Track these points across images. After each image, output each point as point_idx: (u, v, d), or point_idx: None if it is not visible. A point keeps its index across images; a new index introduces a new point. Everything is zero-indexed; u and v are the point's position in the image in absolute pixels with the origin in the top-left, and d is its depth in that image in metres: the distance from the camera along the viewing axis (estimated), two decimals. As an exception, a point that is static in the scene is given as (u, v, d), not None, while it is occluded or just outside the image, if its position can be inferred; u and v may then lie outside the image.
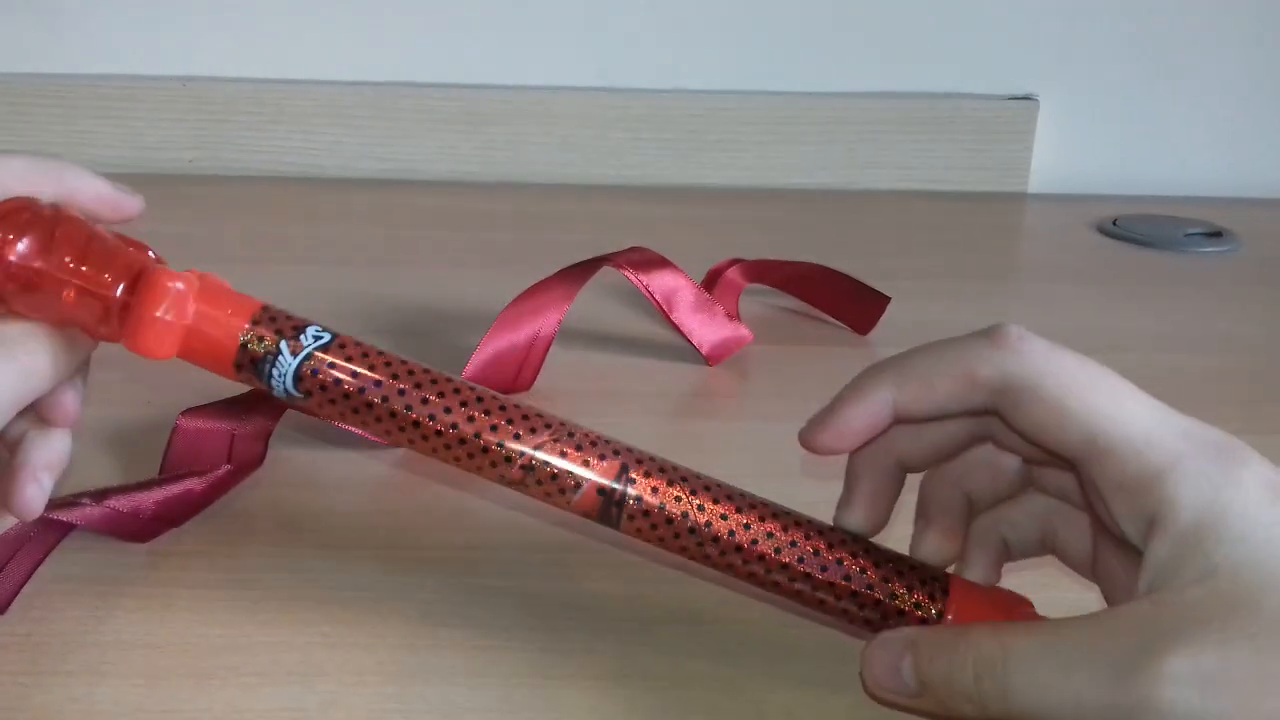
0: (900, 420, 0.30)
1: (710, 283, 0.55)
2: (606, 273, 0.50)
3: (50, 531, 0.35)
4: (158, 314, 0.29)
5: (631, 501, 0.30)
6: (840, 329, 0.56)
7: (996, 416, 0.29)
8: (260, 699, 0.30)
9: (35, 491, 0.31)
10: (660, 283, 0.51)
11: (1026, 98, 0.80)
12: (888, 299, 0.55)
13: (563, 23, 0.77)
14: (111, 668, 0.31)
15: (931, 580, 0.31)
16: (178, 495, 0.37)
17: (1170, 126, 0.82)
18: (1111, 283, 0.66)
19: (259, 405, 0.40)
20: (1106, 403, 0.27)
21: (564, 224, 0.70)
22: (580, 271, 0.49)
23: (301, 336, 0.30)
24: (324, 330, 0.31)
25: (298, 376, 0.30)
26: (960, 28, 0.79)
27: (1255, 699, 0.23)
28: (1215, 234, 0.74)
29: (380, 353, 0.31)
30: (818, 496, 0.41)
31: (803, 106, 0.79)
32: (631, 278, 0.50)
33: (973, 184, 0.81)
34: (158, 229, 0.35)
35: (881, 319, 0.55)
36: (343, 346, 0.31)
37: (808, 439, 0.32)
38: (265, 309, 0.31)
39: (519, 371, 0.47)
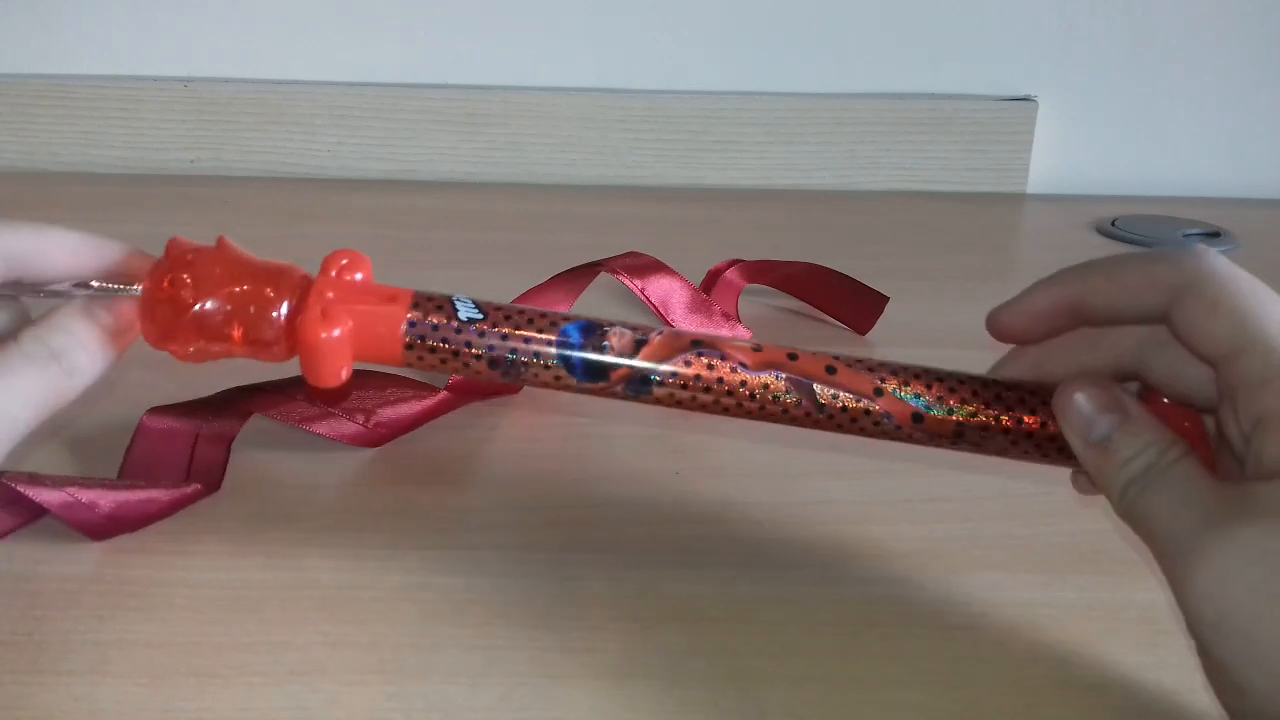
0: (1081, 318, 0.31)
1: (709, 283, 0.55)
2: (602, 276, 0.50)
3: (13, 509, 0.36)
4: (322, 337, 0.31)
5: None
6: (839, 329, 0.56)
7: (1165, 325, 0.29)
8: (262, 698, 0.30)
9: None
10: (656, 286, 0.51)
11: (1025, 99, 0.80)
12: (886, 299, 0.55)
13: (563, 23, 0.77)
14: (113, 667, 0.31)
15: None
16: (138, 501, 0.37)
17: (1168, 127, 0.82)
18: (1110, 283, 0.66)
19: (224, 408, 0.41)
20: (1258, 307, 0.28)
21: (564, 224, 0.71)
22: (575, 277, 0.49)
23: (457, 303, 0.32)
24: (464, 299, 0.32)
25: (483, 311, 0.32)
26: (959, 29, 0.79)
27: None
28: (1213, 234, 0.74)
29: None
30: (818, 496, 0.41)
31: (802, 107, 0.79)
32: (627, 282, 0.50)
33: (972, 185, 0.81)
34: (158, 229, 0.35)
35: (881, 319, 0.55)
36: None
37: (992, 319, 0.32)
38: (417, 293, 0.32)
39: None
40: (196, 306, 0.31)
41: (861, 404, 0.31)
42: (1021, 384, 0.32)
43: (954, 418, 0.31)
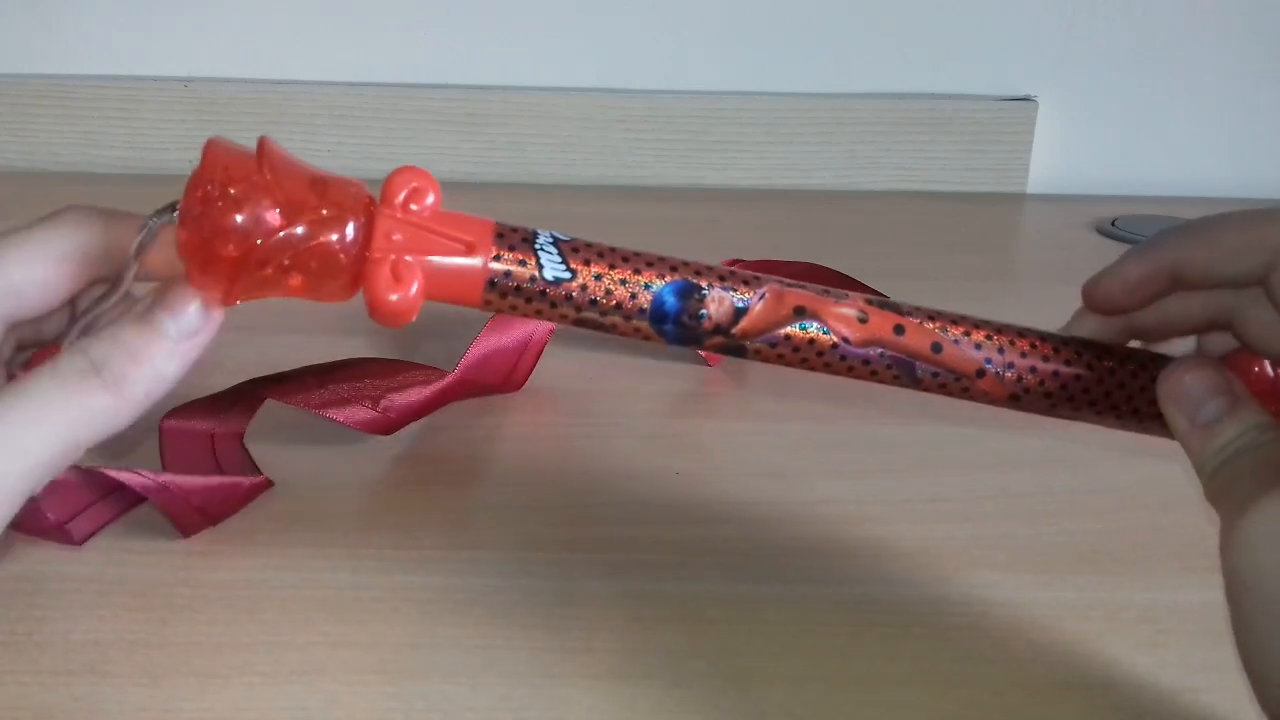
0: (1178, 283, 0.30)
1: None
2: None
3: (118, 493, 0.36)
4: (393, 299, 0.27)
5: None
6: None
7: (1261, 289, 0.29)
8: (262, 698, 0.30)
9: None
10: None
11: (1025, 99, 0.80)
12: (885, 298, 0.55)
13: (563, 23, 0.77)
14: (114, 667, 0.31)
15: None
16: (224, 488, 0.37)
17: (1169, 127, 0.82)
18: (1110, 283, 0.66)
19: (236, 401, 0.41)
20: None
21: (564, 224, 0.70)
22: None
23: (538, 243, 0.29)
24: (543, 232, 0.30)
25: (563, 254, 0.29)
26: (959, 29, 0.79)
27: None
28: (1214, 234, 0.74)
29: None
30: (818, 496, 0.41)
31: (802, 107, 0.79)
32: None
33: (972, 185, 0.81)
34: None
35: (881, 319, 0.55)
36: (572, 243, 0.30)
37: (1088, 289, 0.32)
38: (497, 238, 0.29)
39: (510, 372, 0.47)
40: (256, 239, 0.26)
41: (960, 383, 0.31)
42: (1115, 349, 0.32)
43: (1049, 400, 0.31)
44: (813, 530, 0.39)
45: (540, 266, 0.28)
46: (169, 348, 0.27)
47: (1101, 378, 0.31)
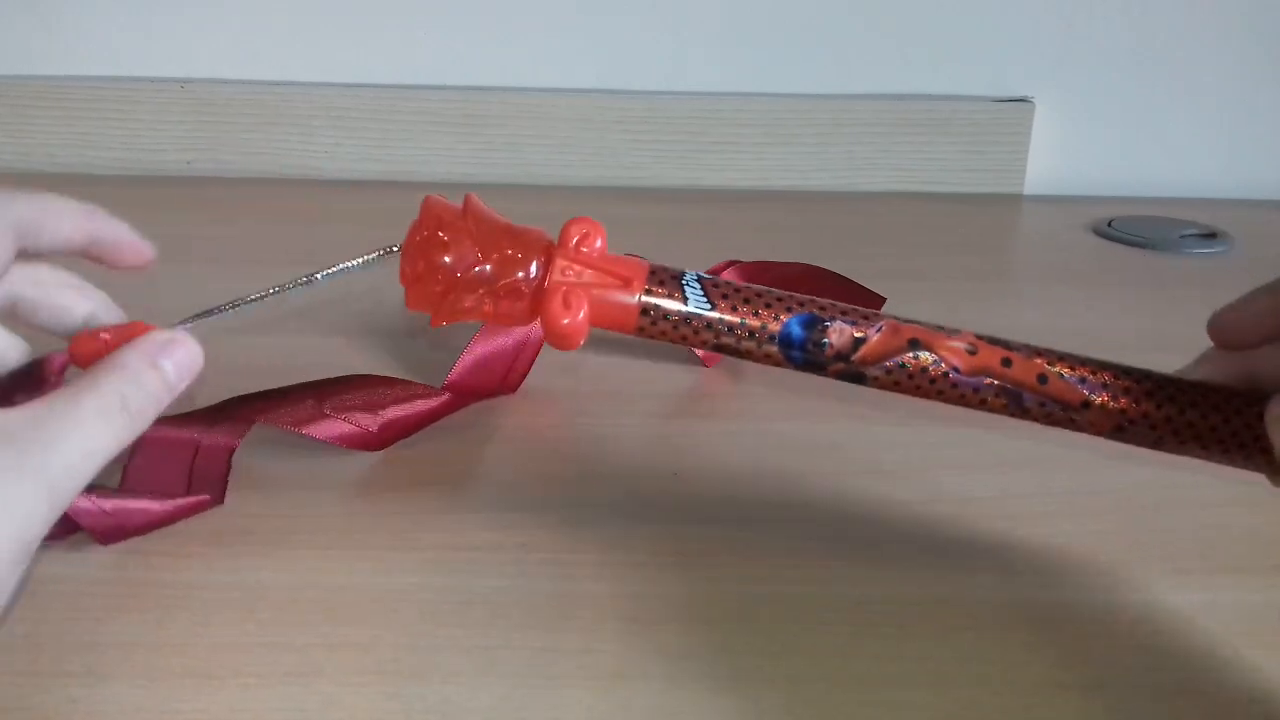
0: None
1: None
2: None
3: None
4: (565, 322, 0.32)
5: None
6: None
7: None
8: (260, 699, 0.30)
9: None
10: None
11: (1022, 100, 0.80)
12: (883, 299, 0.55)
13: (561, 24, 0.77)
14: (111, 668, 0.31)
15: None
16: (138, 509, 0.37)
17: (1166, 128, 0.82)
18: (1107, 284, 0.66)
19: (224, 418, 0.40)
20: None
21: (563, 224, 0.70)
22: None
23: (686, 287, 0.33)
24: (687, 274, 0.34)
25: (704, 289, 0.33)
26: (957, 30, 0.79)
27: None
28: (1210, 235, 0.74)
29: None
30: (818, 496, 0.41)
31: (801, 108, 0.79)
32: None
33: (969, 186, 0.81)
34: (156, 231, 0.35)
35: (879, 320, 0.55)
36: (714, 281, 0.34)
37: (1215, 321, 0.33)
38: (650, 274, 0.33)
39: (505, 375, 0.47)
40: (458, 273, 0.33)
41: (1067, 414, 0.32)
42: (1214, 386, 0.33)
43: (1154, 433, 0.32)
44: (812, 530, 0.39)
45: (685, 299, 0.33)
46: (168, 390, 0.31)
47: (1204, 413, 0.32)
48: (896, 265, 0.65)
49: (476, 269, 0.33)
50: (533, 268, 0.33)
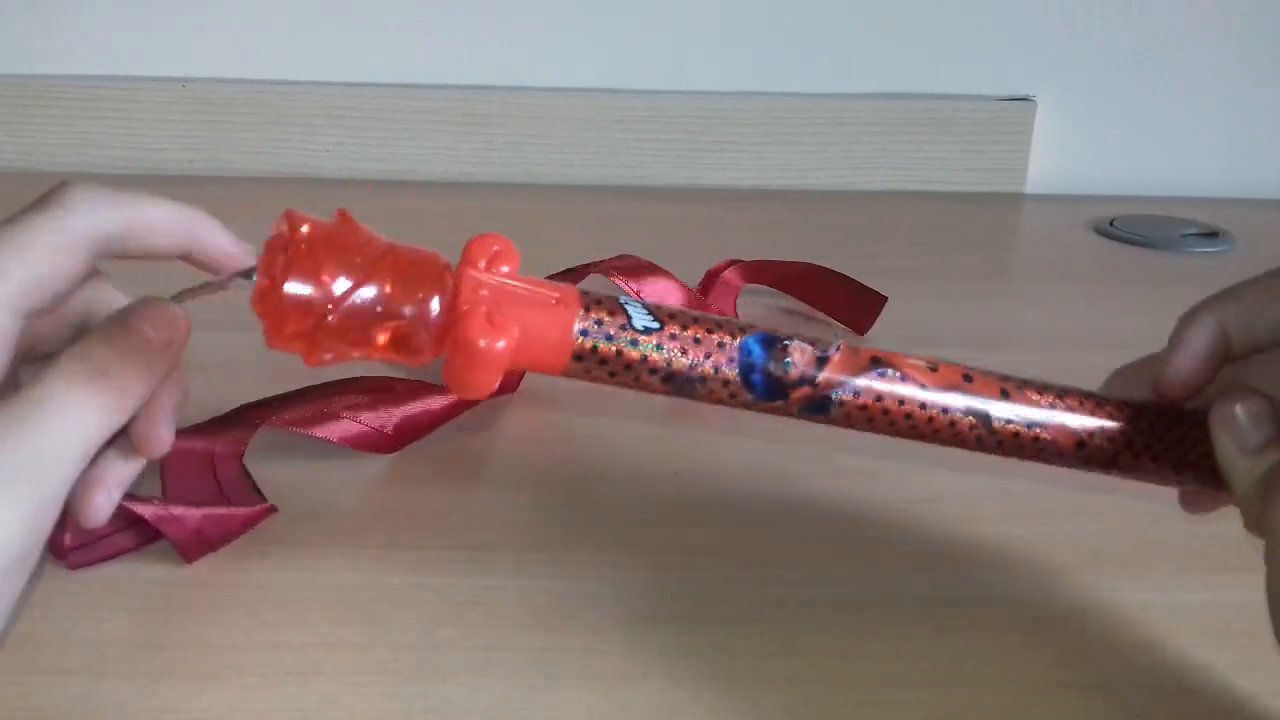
0: (1230, 349, 0.31)
1: (708, 284, 0.55)
2: (594, 278, 0.50)
3: (136, 529, 0.36)
4: (482, 344, 0.27)
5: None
6: (838, 329, 0.56)
7: None
8: (260, 699, 0.30)
9: (103, 501, 0.30)
10: (650, 289, 0.51)
11: (1024, 99, 0.80)
12: (884, 298, 0.55)
13: (562, 23, 0.77)
14: (111, 668, 0.31)
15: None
16: (219, 517, 0.36)
17: (1167, 127, 0.82)
18: (1109, 283, 0.66)
19: (233, 424, 0.40)
20: None
21: (563, 224, 0.71)
22: (567, 280, 0.49)
23: (629, 310, 0.29)
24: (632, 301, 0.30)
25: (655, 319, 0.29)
26: (958, 29, 0.79)
27: None
28: (1212, 234, 0.74)
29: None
30: (818, 496, 0.41)
31: (801, 108, 0.79)
32: (621, 284, 0.50)
33: (970, 185, 0.81)
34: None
35: (881, 319, 0.55)
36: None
37: (1163, 380, 0.32)
38: (583, 294, 0.29)
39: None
40: (332, 310, 0.27)
41: (1032, 431, 0.31)
42: (1167, 407, 0.32)
43: (1111, 447, 0.32)
44: (812, 531, 0.39)
45: (629, 316, 0.29)
46: (157, 351, 0.28)
47: (1160, 430, 0.32)
48: (898, 264, 0.65)
49: (358, 298, 0.27)
50: (434, 298, 0.28)
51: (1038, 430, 0.31)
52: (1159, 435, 0.32)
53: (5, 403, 0.26)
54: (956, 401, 0.31)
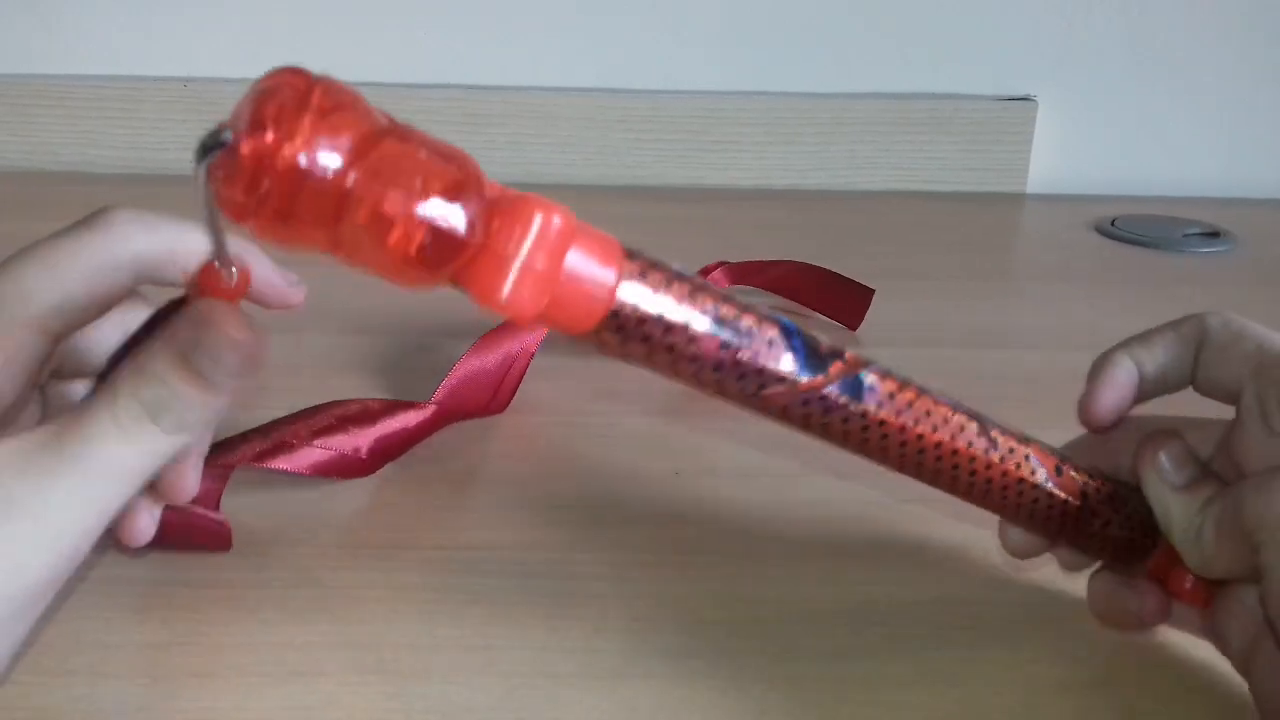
0: (1143, 387, 0.33)
1: None
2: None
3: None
4: (524, 260, 0.23)
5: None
6: (830, 325, 0.56)
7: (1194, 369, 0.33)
8: (261, 698, 0.30)
9: (147, 524, 0.31)
10: None
11: (1025, 98, 0.80)
12: (872, 291, 0.55)
13: (563, 23, 0.77)
14: (113, 667, 0.31)
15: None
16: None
17: (1168, 127, 0.82)
18: (1110, 283, 0.66)
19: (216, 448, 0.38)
20: (1267, 335, 0.31)
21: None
22: None
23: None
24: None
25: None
26: (959, 29, 0.79)
27: None
28: (1213, 234, 0.74)
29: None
30: (818, 496, 0.41)
31: (802, 107, 0.79)
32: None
33: (972, 185, 0.81)
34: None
35: (881, 319, 0.55)
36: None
37: (1080, 414, 0.34)
38: (630, 255, 0.26)
39: (494, 394, 0.45)
40: (349, 175, 0.22)
41: (1026, 445, 0.31)
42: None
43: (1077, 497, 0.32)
44: (813, 530, 0.39)
45: (673, 269, 0.26)
46: (217, 389, 0.26)
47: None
48: (899, 264, 0.65)
49: (355, 174, 0.22)
50: (460, 207, 0.23)
51: (1025, 447, 0.31)
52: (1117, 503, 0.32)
53: (54, 435, 0.25)
54: (958, 403, 0.30)
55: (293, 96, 0.22)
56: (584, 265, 0.24)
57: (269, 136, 0.22)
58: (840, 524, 0.39)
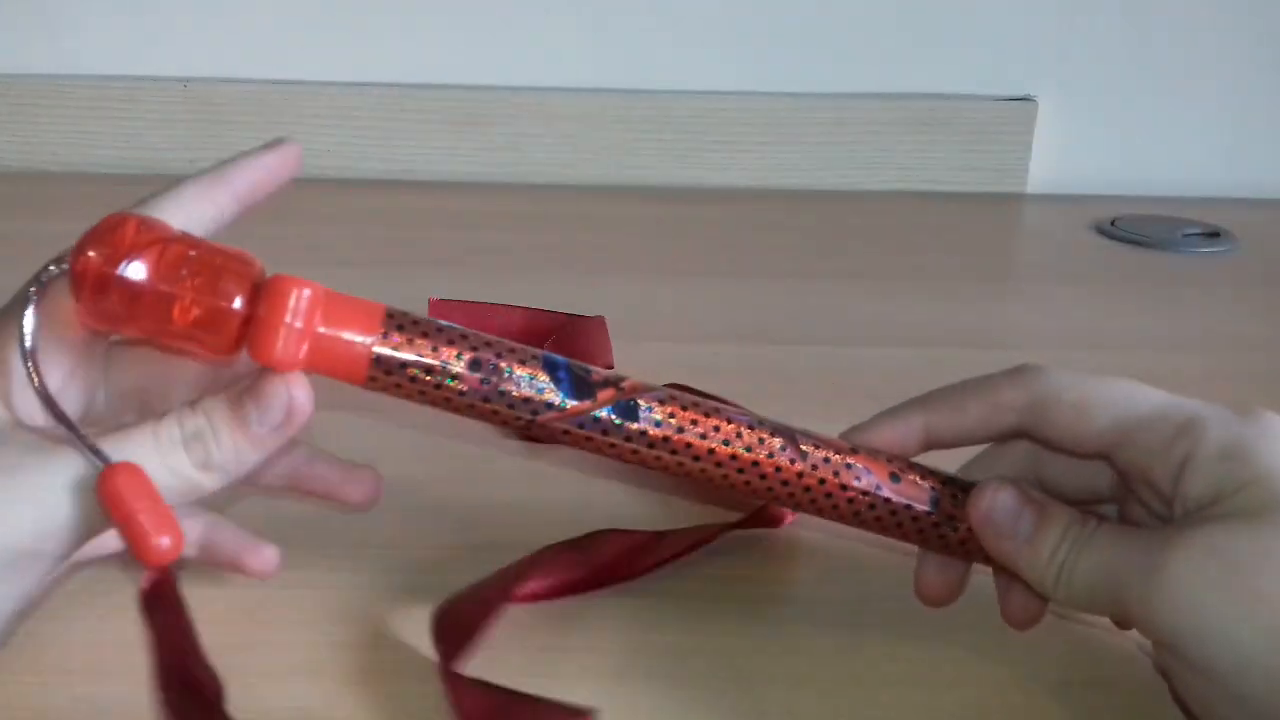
0: (931, 445, 0.32)
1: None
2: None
3: None
4: (286, 320, 0.27)
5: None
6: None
7: (1026, 439, 0.32)
8: (262, 698, 0.30)
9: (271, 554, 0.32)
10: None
11: (1025, 99, 0.80)
12: (603, 318, 0.51)
13: (563, 23, 0.77)
14: (113, 667, 0.31)
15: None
16: None
17: (1168, 127, 0.82)
18: (1110, 283, 0.66)
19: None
20: (1122, 394, 0.30)
21: (564, 224, 0.71)
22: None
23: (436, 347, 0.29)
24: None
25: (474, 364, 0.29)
26: (959, 29, 0.79)
27: (1252, 573, 0.26)
28: (1213, 234, 0.74)
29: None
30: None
31: (802, 107, 0.79)
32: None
33: (972, 185, 0.81)
34: (159, 230, 0.35)
35: (882, 319, 0.55)
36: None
37: (846, 439, 0.33)
38: (390, 314, 0.29)
39: None
40: (151, 287, 0.27)
41: (842, 456, 0.31)
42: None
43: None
44: (813, 530, 0.39)
45: (436, 328, 0.29)
46: (253, 438, 0.28)
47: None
48: (899, 264, 0.65)
49: (169, 285, 0.28)
50: (238, 299, 0.28)
51: (848, 457, 0.31)
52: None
53: (99, 433, 0.27)
54: (756, 418, 0.31)
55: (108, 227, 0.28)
56: (341, 321, 0.28)
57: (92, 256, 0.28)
58: (840, 524, 0.39)
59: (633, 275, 0.61)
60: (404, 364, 0.29)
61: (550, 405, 0.30)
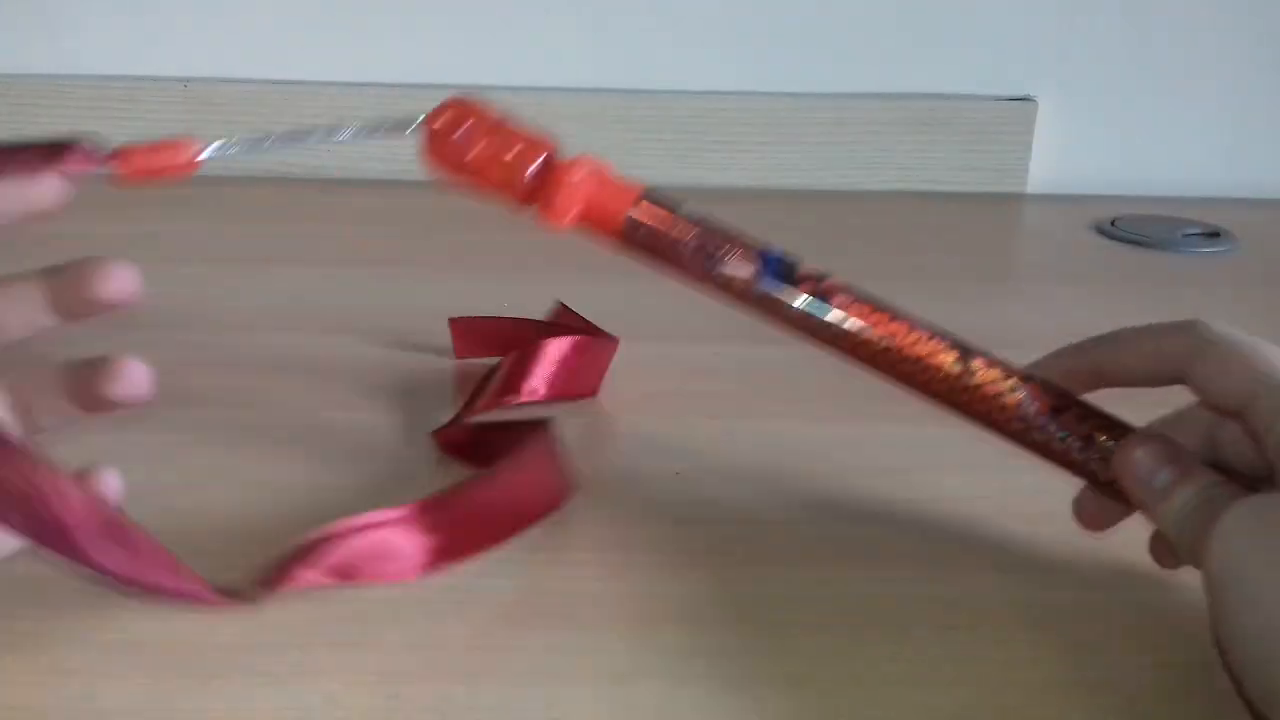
0: (1100, 384, 0.34)
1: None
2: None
3: None
4: (571, 179, 0.38)
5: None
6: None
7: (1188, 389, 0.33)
8: (262, 698, 0.30)
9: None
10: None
11: (1025, 99, 0.80)
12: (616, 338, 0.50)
13: (563, 23, 0.77)
14: (113, 667, 0.31)
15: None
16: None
17: (1168, 127, 0.82)
18: (1110, 283, 0.66)
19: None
20: (1264, 358, 0.31)
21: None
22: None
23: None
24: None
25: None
26: (959, 29, 0.79)
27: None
28: (1213, 234, 0.74)
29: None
30: (817, 496, 0.41)
31: (802, 107, 0.79)
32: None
33: (972, 185, 0.81)
34: (158, 229, 0.35)
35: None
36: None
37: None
38: (646, 193, 0.38)
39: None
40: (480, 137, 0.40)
41: (1010, 372, 0.34)
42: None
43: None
44: (813, 530, 0.39)
45: (680, 205, 0.37)
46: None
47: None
48: (899, 264, 0.65)
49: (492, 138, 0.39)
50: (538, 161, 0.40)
51: (1018, 380, 0.34)
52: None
53: None
54: (940, 340, 0.35)
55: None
56: (609, 188, 0.39)
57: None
58: (841, 524, 0.39)
59: (633, 275, 0.61)
60: (647, 230, 0.38)
61: (747, 287, 0.36)
